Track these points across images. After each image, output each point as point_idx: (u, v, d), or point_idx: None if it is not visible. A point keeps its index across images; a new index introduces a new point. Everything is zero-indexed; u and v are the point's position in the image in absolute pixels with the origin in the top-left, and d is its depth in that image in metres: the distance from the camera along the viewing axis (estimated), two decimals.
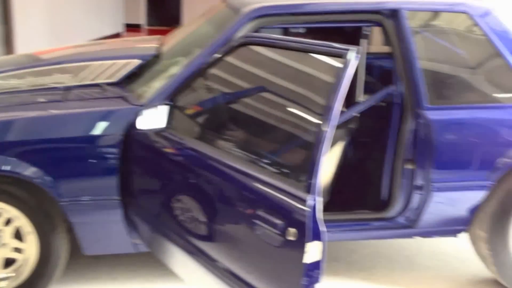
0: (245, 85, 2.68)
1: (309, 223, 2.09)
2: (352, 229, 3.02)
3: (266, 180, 2.27)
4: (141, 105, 2.74)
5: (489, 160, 2.90)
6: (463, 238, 3.18)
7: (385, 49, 3.09)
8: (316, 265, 2.15)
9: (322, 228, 2.14)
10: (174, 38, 3.45)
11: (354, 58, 2.13)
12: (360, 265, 3.38)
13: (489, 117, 2.92)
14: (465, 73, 3.00)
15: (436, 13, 3.02)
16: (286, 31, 3.64)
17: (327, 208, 3.02)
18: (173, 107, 2.74)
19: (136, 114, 2.71)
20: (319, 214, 2.13)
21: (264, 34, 2.60)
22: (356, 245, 3.55)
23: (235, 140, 2.61)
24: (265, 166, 2.39)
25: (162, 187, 2.68)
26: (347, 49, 2.16)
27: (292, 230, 2.12)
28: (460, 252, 3.51)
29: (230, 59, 2.65)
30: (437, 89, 2.91)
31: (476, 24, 2.94)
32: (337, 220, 3.02)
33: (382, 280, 3.23)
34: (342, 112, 3.02)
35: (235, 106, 2.67)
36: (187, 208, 2.57)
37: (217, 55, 2.69)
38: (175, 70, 2.86)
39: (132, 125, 2.71)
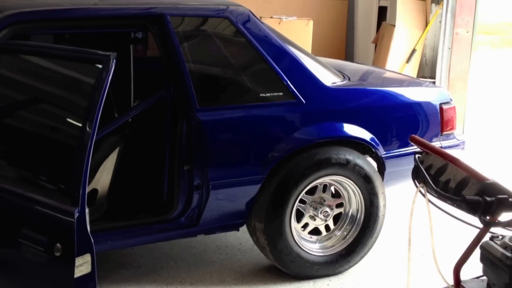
0: (3, 94, 2.54)
1: (76, 237, 2.05)
2: (136, 234, 3.02)
3: (32, 196, 2.18)
4: None
5: (261, 155, 3.09)
6: (245, 231, 3.34)
7: None
8: (88, 278, 2.12)
9: (91, 239, 2.11)
10: None
11: (112, 62, 2.15)
12: (148, 268, 3.39)
13: (256, 115, 3.10)
14: (232, 75, 3.15)
15: (200, 18, 3.12)
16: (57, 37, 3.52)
17: (108, 216, 3.00)
18: None
19: None
20: (87, 226, 2.10)
21: (18, 41, 2.49)
22: (143, 249, 3.55)
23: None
24: (34, 181, 2.30)
25: None
26: (105, 55, 2.18)
27: (59, 246, 2.07)
28: (242, 244, 3.69)
29: None
30: (206, 92, 3.02)
31: (237, 29, 3.10)
32: (119, 227, 2.99)
33: (169, 280, 3.28)
34: (116, 118, 3.01)
35: None
36: None
37: None
38: None
39: None
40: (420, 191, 2.29)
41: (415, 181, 2.34)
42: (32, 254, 2.14)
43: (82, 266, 2.09)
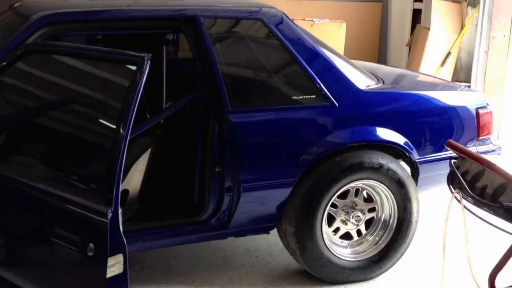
0: (38, 95, 2.57)
1: (109, 237, 2.05)
2: (166, 235, 3.02)
3: (65, 196, 2.19)
4: None
5: (293, 158, 3.06)
6: (275, 234, 3.32)
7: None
8: (120, 278, 2.13)
9: (124, 240, 2.11)
10: None
11: (146, 64, 2.14)
12: (177, 270, 3.39)
13: (289, 117, 3.07)
14: (264, 77, 3.13)
15: (233, 20, 3.11)
16: (89, 38, 3.55)
17: (138, 217, 3.01)
18: None
19: None
20: (120, 227, 2.10)
21: (52, 42, 2.51)
22: (173, 250, 3.55)
23: (32, 154, 2.49)
24: (66, 180, 2.31)
25: None
26: (140, 56, 2.17)
27: (92, 246, 2.07)
28: (272, 247, 3.66)
29: (19, 68, 2.52)
30: (238, 94, 3.00)
31: (270, 31, 3.08)
32: (149, 228, 3.00)
33: (199, 282, 3.27)
34: (147, 119, 3.02)
35: (29, 118, 2.54)
36: None
37: (3, 64, 2.54)
38: None
39: None
40: (455, 197, 2.24)
41: (451, 186, 2.29)
42: (65, 253, 2.15)
43: (114, 266, 2.10)
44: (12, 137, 2.55)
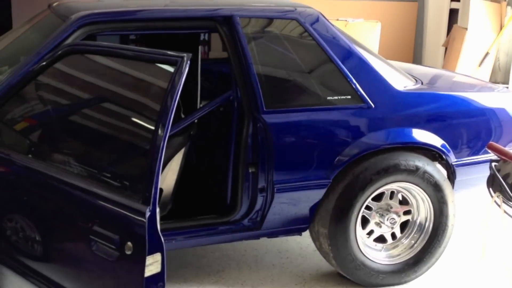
0: (76, 94, 2.59)
1: (147, 235, 2.05)
2: (199, 234, 3.01)
3: (102, 194, 2.20)
4: None
5: (326, 159, 3.03)
6: (306, 236, 3.30)
7: (225, 54, 3.13)
8: (158, 277, 2.13)
9: (162, 239, 2.11)
10: None
11: (186, 64, 2.14)
12: (210, 269, 3.39)
13: (324, 118, 3.03)
14: (299, 77, 3.10)
15: (268, 19, 3.09)
16: (123, 38, 3.57)
17: (171, 216, 3.01)
18: None
19: None
20: (158, 225, 2.10)
21: (92, 42, 2.53)
22: (205, 250, 3.55)
23: (69, 153, 2.51)
24: (103, 179, 2.32)
25: None
26: (179, 56, 2.17)
27: (130, 244, 2.08)
28: (303, 249, 3.63)
29: (57, 68, 2.54)
30: (273, 94, 2.98)
31: (305, 31, 3.05)
32: (182, 227, 2.99)
33: (231, 282, 3.26)
34: (181, 118, 3.02)
35: (67, 117, 2.57)
36: (21, 228, 2.42)
37: (43, 64, 2.56)
38: None
39: None
40: (495, 201, 2.18)
41: (490, 190, 2.24)
42: (103, 251, 2.16)
43: (152, 265, 2.10)
44: (51, 136, 2.58)
